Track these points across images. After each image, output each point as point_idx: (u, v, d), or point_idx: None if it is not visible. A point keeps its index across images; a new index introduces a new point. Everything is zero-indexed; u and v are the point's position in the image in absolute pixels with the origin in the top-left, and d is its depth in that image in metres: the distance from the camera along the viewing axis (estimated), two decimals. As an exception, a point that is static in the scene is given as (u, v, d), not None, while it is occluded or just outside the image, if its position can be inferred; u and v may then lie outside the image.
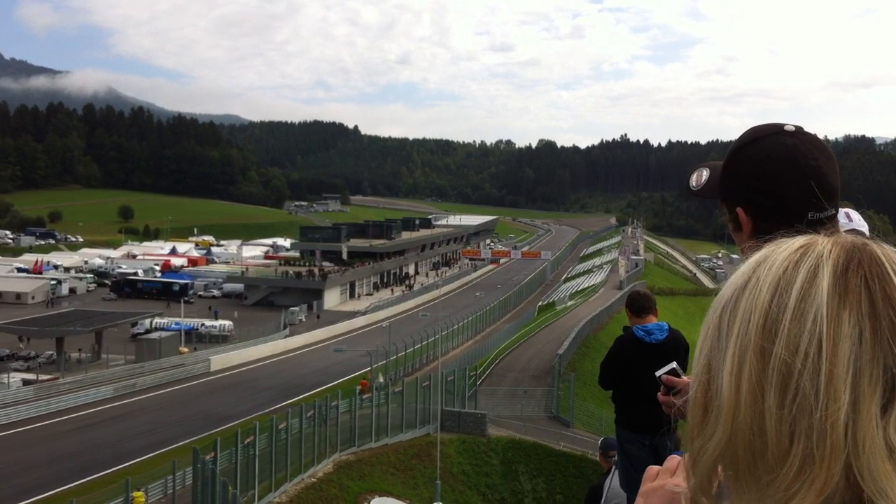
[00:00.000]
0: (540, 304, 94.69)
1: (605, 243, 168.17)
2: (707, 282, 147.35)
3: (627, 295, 6.62)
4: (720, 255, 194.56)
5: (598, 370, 6.54)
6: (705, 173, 1.95)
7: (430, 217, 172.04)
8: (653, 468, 1.51)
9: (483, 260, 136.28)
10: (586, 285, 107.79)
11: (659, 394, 2.89)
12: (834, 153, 1.75)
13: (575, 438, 42.33)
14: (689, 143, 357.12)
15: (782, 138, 1.75)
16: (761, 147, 1.76)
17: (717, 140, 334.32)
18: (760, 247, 0.97)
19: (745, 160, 1.79)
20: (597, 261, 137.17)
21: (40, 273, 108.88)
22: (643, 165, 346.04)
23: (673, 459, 1.50)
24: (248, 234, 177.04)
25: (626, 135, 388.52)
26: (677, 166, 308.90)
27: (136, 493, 29.02)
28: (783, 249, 0.96)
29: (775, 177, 1.71)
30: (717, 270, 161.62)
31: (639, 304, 6.09)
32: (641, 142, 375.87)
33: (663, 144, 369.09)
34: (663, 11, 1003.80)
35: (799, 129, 1.78)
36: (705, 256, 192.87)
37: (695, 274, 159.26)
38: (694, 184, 1.95)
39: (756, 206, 1.73)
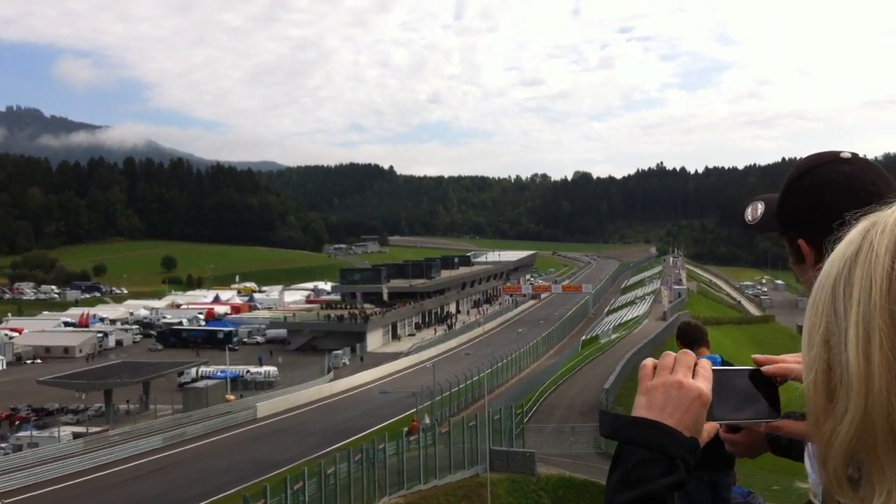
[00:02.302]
0: (583, 338, 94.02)
1: (647, 273, 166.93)
2: (752, 309, 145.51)
3: (678, 326, 6.48)
4: (764, 281, 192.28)
5: None
6: (760, 207, 1.90)
7: (468, 254, 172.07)
8: (648, 363, 1.49)
9: (524, 296, 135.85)
10: (629, 317, 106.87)
11: (721, 431, 2.83)
12: (891, 177, 1.72)
13: (626, 474, 41.81)
14: (727, 168, 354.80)
15: (839, 166, 1.72)
16: (818, 176, 1.73)
17: (755, 164, 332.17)
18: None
19: (802, 191, 1.75)
20: (639, 292, 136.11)
21: (87, 326, 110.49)
22: (681, 193, 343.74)
23: (668, 356, 1.49)
24: (288, 278, 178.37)
25: (661, 163, 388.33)
26: (716, 193, 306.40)
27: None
28: (892, 212, 0.92)
29: (835, 206, 1.64)
30: (762, 297, 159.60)
31: (690, 336, 5.98)
32: (678, 169, 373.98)
33: (700, 171, 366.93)
34: (692, 38, 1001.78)
35: (855, 156, 1.76)
36: (749, 283, 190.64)
37: (739, 301, 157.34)
38: (750, 218, 1.91)
39: (817, 237, 1.67)
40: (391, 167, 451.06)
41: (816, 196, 1.72)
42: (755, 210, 1.91)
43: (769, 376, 1.55)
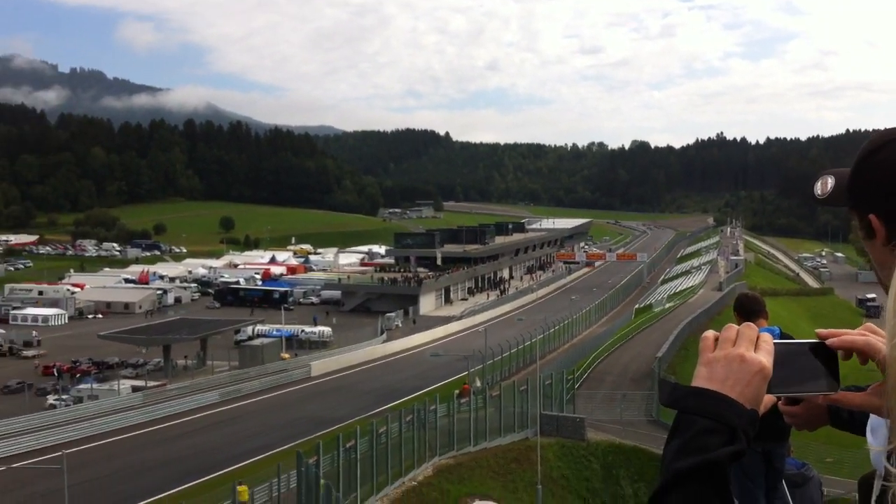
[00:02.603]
0: (637, 306, 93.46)
1: (703, 244, 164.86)
2: (811, 281, 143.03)
3: (736, 297, 6.36)
4: (823, 253, 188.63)
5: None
6: (830, 181, 1.87)
7: (523, 221, 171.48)
8: (709, 335, 1.51)
9: (578, 263, 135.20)
10: (684, 287, 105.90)
11: (780, 403, 2.80)
12: None
13: (677, 442, 41.61)
14: (789, 139, 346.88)
15: None
16: (892, 151, 1.70)
17: (818, 136, 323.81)
18: None
19: (875, 166, 1.72)
20: (695, 262, 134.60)
21: (147, 283, 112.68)
22: (741, 164, 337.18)
23: (730, 328, 1.50)
24: (343, 241, 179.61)
25: (721, 133, 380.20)
26: (777, 163, 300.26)
27: (240, 488, 29.75)
28: None
29: None
30: (822, 269, 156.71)
31: (748, 307, 5.88)
32: (738, 140, 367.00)
33: (761, 142, 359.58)
34: (756, 7, 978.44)
35: None
36: (808, 255, 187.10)
37: (798, 274, 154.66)
38: (819, 192, 1.88)
39: (890, 212, 1.68)
40: (447, 133, 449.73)
41: (890, 172, 1.69)
42: (825, 184, 1.88)
43: (831, 349, 1.55)
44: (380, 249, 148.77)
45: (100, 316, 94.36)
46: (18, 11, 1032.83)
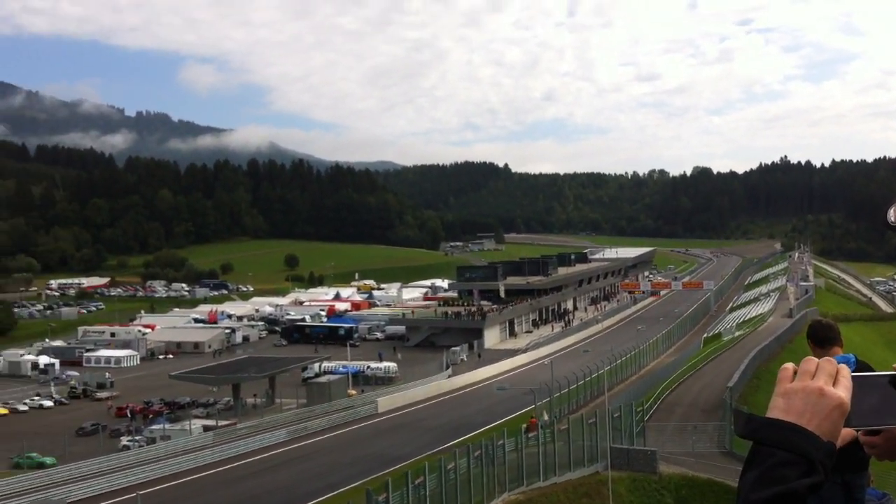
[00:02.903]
0: (705, 335, 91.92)
1: (771, 270, 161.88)
2: (884, 306, 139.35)
3: (809, 325, 6.17)
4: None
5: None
6: None
7: (585, 251, 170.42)
8: (788, 367, 1.52)
9: (643, 292, 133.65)
10: (754, 314, 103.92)
11: (860, 434, 2.79)
12: None
13: (751, 475, 40.60)
14: (855, 161, 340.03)
15: None
16: None
17: (885, 157, 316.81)
18: None
19: None
20: (763, 288, 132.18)
21: (215, 322, 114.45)
22: (806, 187, 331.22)
23: (810, 361, 1.52)
24: (406, 276, 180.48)
25: (785, 157, 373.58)
26: (843, 186, 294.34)
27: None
28: None
29: None
30: (895, 293, 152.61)
31: (822, 335, 5.65)
32: (803, 163, 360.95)
33: (826, 165, 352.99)
34: (815, 29, 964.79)
35: None
36: (881, 279, 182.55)
37: (870, 298, 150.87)
38: (893, 219, 1.88)
39: None
40: (506, 165, 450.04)
41: None
42: None
43: None
44: (442, 283, 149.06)
45: (170, 356, 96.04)
46: (84, 57, 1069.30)
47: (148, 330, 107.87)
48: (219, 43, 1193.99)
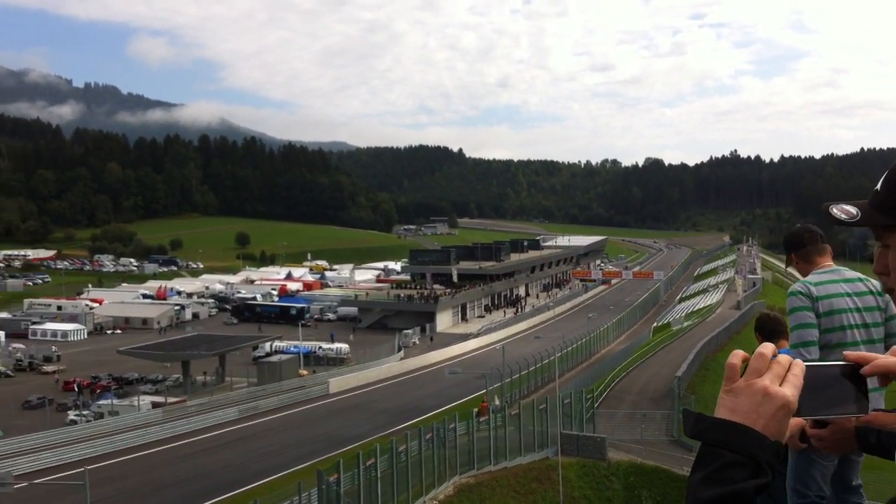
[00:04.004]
0: (655, 324, 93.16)
1: (720, 262, 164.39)
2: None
3: (757, 318, 6.16)
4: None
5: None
6: (851, 207, 1.83)
7: (538, 238, 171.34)
8: (735, 363, 1.51)
9: (594, 281, 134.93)
10: (702, 305, 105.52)
11: (808, 426, 2.74)
12: None
13: (698, 463, 41.24)
14: (803, 157, 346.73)
15: None
16: None
17: (833, 154, 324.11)
18: None
19: None
20: (712, 280, 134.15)
21: (164, 299, 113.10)
22: (755, 182, 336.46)
23: (761, 358, 1.50)
24: (359, 257, 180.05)
25: (735, 151, 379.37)
26: (792, 182, 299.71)
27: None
28: None
29: None
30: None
31: (770, 328, 5.78)
32: (752, 157, 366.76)
33: (775, 160, 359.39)
34: (766, 25, 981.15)
35: None
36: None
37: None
38: (845, 216, 1.82)
39: None
40: (460, 150, 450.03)
41: None
42: (847, 211, 1.83)
43: (860, 372, 1.55)
44: (395, 266, 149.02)
45: (118, 331, 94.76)
46: (32, 26, 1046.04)
47: (95, 304, 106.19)
48: (171, 16, 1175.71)
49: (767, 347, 1.51)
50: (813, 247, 5.17)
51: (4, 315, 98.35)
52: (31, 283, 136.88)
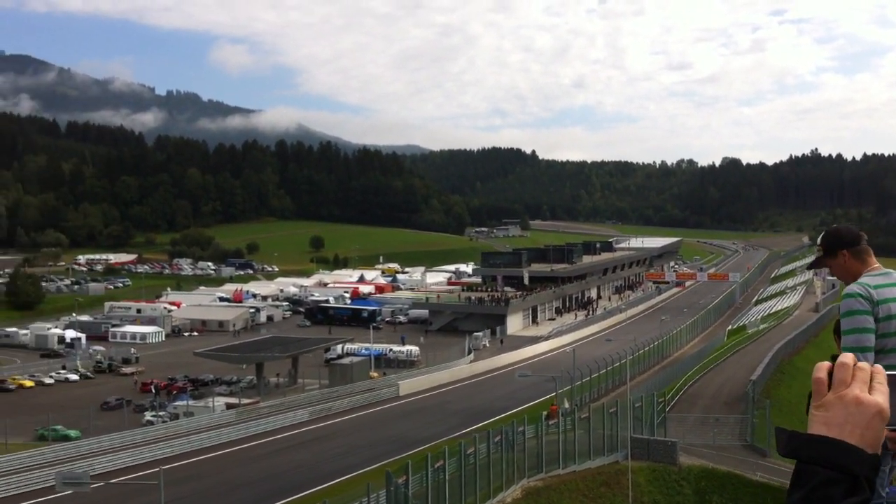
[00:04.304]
0: (729, 327, 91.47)
1: (798, 263, 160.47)
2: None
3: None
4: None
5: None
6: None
7: (611, 240, 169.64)
8: (822, 377, 1.47)
9: (667, 283, 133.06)
10: (779, 308, 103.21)
11: (887, 431, 2.72)
12: None
13: (772, 468, 40.34)
14: (887, 155, 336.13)
15: None
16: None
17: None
18: None
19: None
20: (790, 282, 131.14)
21: (240, 302, 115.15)
22: (836, 181, 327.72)
23: (844, 368, 1.47)
24: (431, 260, 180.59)
25: (816, 149, 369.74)
26: (874, 180, 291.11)
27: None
28: None
29: None
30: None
31: None
32: (833, 156, 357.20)
33: (857, 158, 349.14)
34: (849, 20, 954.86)
35: None
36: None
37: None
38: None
39: None
40: (533, 151, 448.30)
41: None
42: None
43: None
44: (467, 268, 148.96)
45: (195, 334, 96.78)
46: (117, 36, 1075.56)
47: (173, 307, 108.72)
48: (250, 24, 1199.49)
49: (848, 357, 1.48)
50: (866, 246, 5.04)
51: (86, 318, 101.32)
52: (111, 287, 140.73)
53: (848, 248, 4.85)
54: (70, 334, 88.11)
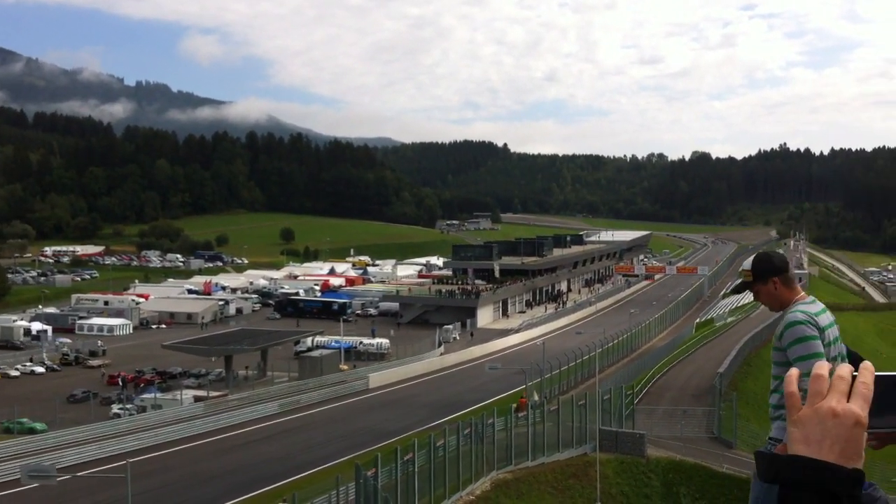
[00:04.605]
0: (697, 320, 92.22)
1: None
2: (877, 296, 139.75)
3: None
4: (890, 267, 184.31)
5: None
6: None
7: (581, 233, 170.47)
8: (794, 391, 1.42)
9: (637, 276, 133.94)
10: (747, 301, 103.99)
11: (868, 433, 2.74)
12: None
13: (738, 460, 40.81)
14: (854, 150, 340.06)
15: None
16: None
17: (884, 146, 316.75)
18: None
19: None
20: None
21: (209, 294, 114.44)
22: (805, 175, 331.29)
23: (820, 380, 1.40)
24: (402, 253, 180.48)
25: (784, 144, 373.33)
26: (841, 175, 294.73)
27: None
28: None
29: None
30: (888, 284, 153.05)
31: None
32: (802, 150, 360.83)
33: (825, 153, 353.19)
34: (819, 15, 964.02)
35: None
36: (874, 269, 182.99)
37: (863, 288, 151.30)
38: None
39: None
40: (505, 145, 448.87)
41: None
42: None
43: None
44: (438, 261, 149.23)
45: (163, 326, 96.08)
46: (86, 25, 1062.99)
47: (141, 299, 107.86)
48: (221, 14, 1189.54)
49: (823, 367, 1.43)
50: (793, 273, 4.98)
51: (52, 310, 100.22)
52: (78, 279, 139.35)
53: (779, 275, 4.82)
54: (36, 326, 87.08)
